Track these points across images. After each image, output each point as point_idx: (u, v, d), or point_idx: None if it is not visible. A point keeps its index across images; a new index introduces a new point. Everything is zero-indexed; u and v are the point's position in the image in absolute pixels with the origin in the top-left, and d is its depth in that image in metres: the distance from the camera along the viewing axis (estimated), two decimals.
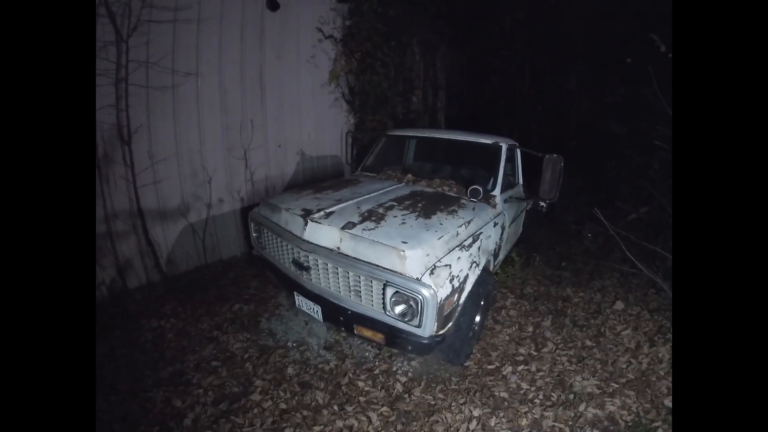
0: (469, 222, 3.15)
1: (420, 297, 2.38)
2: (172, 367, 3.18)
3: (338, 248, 2.79)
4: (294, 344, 3.54)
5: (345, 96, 5.90)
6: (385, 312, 2.61)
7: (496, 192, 3.90)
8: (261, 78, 4.94)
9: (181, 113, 4.32)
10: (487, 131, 4.76)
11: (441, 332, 2.58)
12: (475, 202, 3.59)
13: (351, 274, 2.69)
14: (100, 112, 3.75)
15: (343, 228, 2.82)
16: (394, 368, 3.22)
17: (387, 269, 2.53)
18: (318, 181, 4.31)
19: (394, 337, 2.62)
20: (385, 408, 2.80)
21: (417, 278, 2.44)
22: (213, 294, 4.27)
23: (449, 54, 6.67)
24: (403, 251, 2.50)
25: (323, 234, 2.88)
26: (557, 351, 3.44)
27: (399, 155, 4.98)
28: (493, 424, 2.67)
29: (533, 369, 3.20)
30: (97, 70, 3.67)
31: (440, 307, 2.44)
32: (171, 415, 2.70)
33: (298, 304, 3.22)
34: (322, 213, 3.06)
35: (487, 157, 4.20)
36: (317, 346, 3.51)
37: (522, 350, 3.46)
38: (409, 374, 3.16)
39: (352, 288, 2.75)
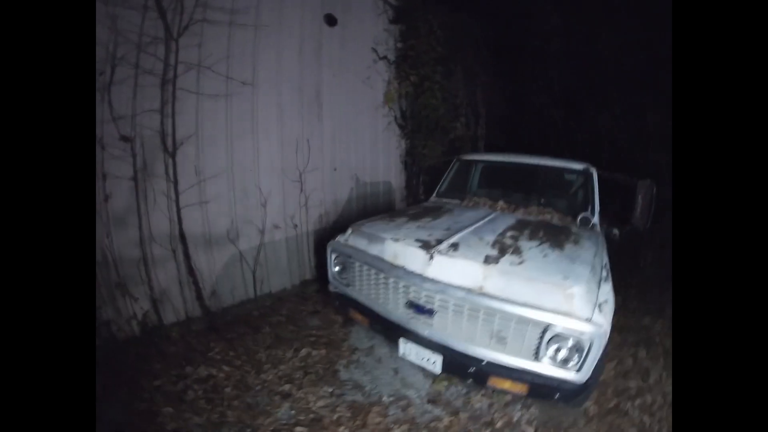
0: (595, 253, 2.43)
1: (590, 338, 1.78)
2: None
3: (481, 287, 2.02)
4: (390, 398, 2.44)
5: (397, 120, 4.90)
6: (536, 359, 1.93)
7: (596, 219, 3.05)
8: (318, 96, 3.93)
9: (234, 126, 3.27)
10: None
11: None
12: (584, 230, 2.88)
13: (497, 317, 1.95)
14: (140, 116, 2.73)
15: (486, 262, 2.09)
16: (515, 418, 2.37)
17: (550, 310, 1.85)
18: (402, 209, 3.33)
19: (540, 387, 1.97)
20: None
21: (588, 318, 1.81)
22: (268, 334, 3.05)
23: (489, 82, 5.81)
24: (571, 289, 1.88)
25: (458, 270, 2.11)
26: (662, 380, 2.76)
27: (465, 181, 3.93)
28: None
29: (648, 401, 2.58)
30: (141, 67, 2.69)
31: (605, 348, 1.86)
32: None
33: (404, 353, 2.33)
34: (446, 245, 2.29)
35: (576, 182, 3.39)
36: (419, 400, 2.45)
37: (631, 383, 2.74)
38: (534, 422, 2.34)
39: (495, 334, 1.99)
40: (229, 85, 3.17)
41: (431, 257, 2.15)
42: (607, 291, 2.05)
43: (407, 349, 2.28)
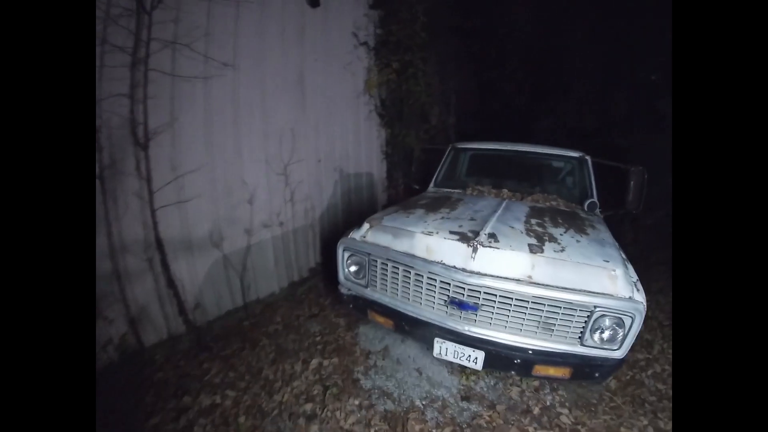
0: (611, 236, 2.50)
1: (632, 316, 1.84)
2: None
3: (530, 276, 1.94)
4: (424, 402, 2.28)
5: (377, 108, 4.63)
6: (581, 342, 1.95)
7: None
8: (302, 81, 3.55)
9: (214, 112, 2.84)
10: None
11: None
12: (592, 215, 2.95)
13: (546, 306, 1.91)
14: (107, 101, 2.25)
15: (532, 252, 2.01)
16: (548, 402, 2.36)
17: (597, 293, 1.87)
18: (411, 201, 3.07)
19: (583, 368, 2.01)
20: None
21: (630, 297, 1.86)
22: (268, 347, 2.73)
23: (458, 70, 5.71)
24: (614, 270, 1.92)
25: (505, 261, 1.99)
26: (665, 351, 2.93)
27: (460, 170, 3.81)
28: (663, 426, 2.20)
29: (658, 370, 2.71)
30: (108, 42, 2.21)
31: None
32: None
33: (440, 353, 2.18)
34: (484, 236, 2.13)
35: (572, 169, 3.48)
36: (453, 399, 2.35)
37: (639, 356, 2.87)
38: (566, 404, 2.35)
39: (542, 323, 1.96)
40: (208, 66, 2.74)
41: (475, 250, 2.00)
42: (632, 270, 2.09)
43: (443, 348, 2.14)
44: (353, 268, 2.46)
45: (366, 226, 2.44)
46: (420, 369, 2.53)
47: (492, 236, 2.11)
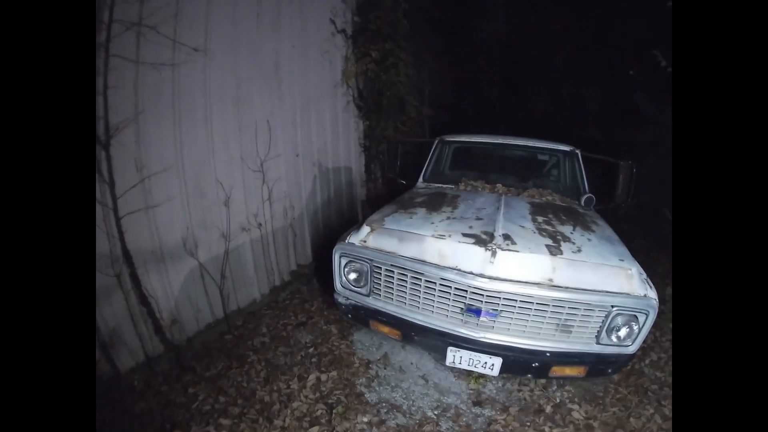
0: (613, 231, 2.49)
1: (647, 313, 1.88)
2: None
3: (551, 280, 1.89)
4: (436, 412, 2.21)
5: (355, 99, 4.40)
6: (597, 340, 1.96)
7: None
8: (278, 69, 3.25)
9: (183, 104, 2.52)
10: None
11: None
12: (588, 210, 2.95)
13: (566, 308, 1.89)
14: None
15: (552, 254, 1.96)
16: (558, 400, 2.36)
17: (615, 293, 1.88)
18: (406, 198, 2.91)
19: (598, 365, 2.03)
20: None
21: (644, 294, 1.88)
22: (257, 363, 2.51)
23: (433, 61, 5.59)
24: (630, 270, 1.94)
25: (526, 264, 1.92)
26: (660, 340, 2.98)
27: (446, 164, 3.69)
28: (668, 414, 2.24)
29: (655, 358, 2.78)
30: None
31: None
32: None
33: (453, 362, 2.11)
34: (500, 237, 2.04)
35: (560, 163, 3.50)
36: (465, 405, 2.29)
37: None
38: (576, 399, 2.37)
39: (561, 325, 1.94)
40: (176, 51, 2.42)
41: (494, 254, 1.90)
42: (640, 267, 2.07)
43: (457, 356, 2.07)
44: (352, 276, 2.29)
45: (366, 229, 2.27)
46: (425, 376, 2.45)
47: (507, 238, 2.04)
